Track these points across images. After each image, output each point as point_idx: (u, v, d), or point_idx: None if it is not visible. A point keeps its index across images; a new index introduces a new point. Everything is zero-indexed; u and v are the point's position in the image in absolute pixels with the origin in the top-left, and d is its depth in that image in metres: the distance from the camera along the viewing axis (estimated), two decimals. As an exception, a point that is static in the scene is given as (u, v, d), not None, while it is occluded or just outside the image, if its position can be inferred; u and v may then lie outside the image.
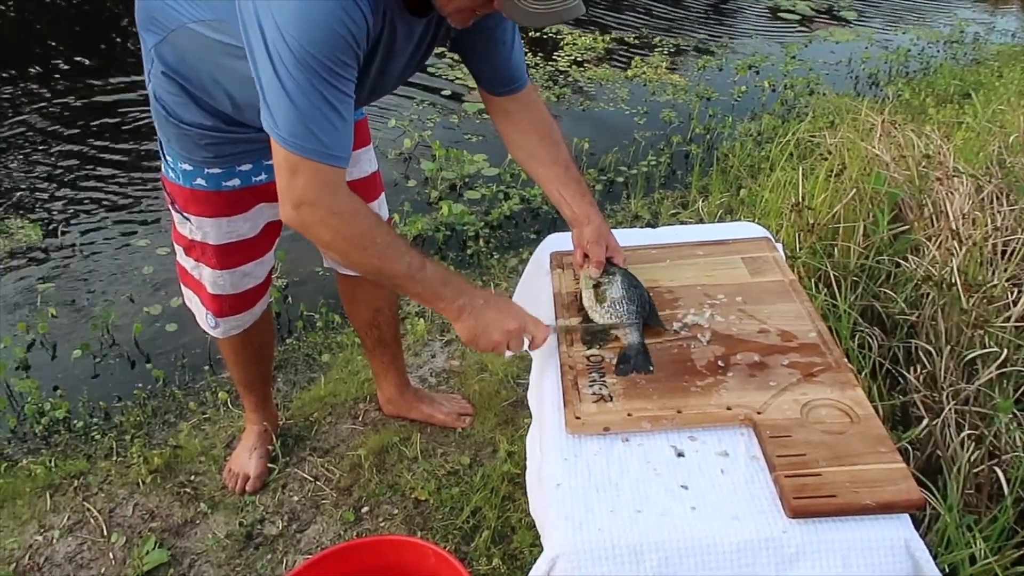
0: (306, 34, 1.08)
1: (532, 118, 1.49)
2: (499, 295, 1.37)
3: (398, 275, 1.24)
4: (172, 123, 1.44)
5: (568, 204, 1.47)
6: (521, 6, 1.10)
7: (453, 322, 1.31)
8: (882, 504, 1.02)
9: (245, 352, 1.84)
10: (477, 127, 4.09)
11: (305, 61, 1.09)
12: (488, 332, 1.29)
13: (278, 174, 1.19)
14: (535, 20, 1.12)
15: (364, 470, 1.97)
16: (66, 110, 4.15)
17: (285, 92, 1.11)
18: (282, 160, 1.17)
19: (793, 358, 1.29)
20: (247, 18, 1.14)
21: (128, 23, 5.17)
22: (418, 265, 1.25)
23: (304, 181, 1.16)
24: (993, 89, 4.49)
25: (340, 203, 1.19)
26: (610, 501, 1.09)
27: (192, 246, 1.61)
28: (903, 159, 2.47)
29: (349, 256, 1.23)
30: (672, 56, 5.17)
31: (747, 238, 1.65)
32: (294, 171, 1.16)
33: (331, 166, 1.16)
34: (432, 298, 1.28)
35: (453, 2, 1.18)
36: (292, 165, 1.16)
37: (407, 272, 1.24)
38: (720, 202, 3.12)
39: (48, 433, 2.22)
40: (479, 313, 1.28)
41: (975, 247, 1.99)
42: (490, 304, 1.30)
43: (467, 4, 1.17)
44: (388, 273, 1.25)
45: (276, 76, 1.11)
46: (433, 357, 2.44)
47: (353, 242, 1.21)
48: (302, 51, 1.09)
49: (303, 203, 1.18)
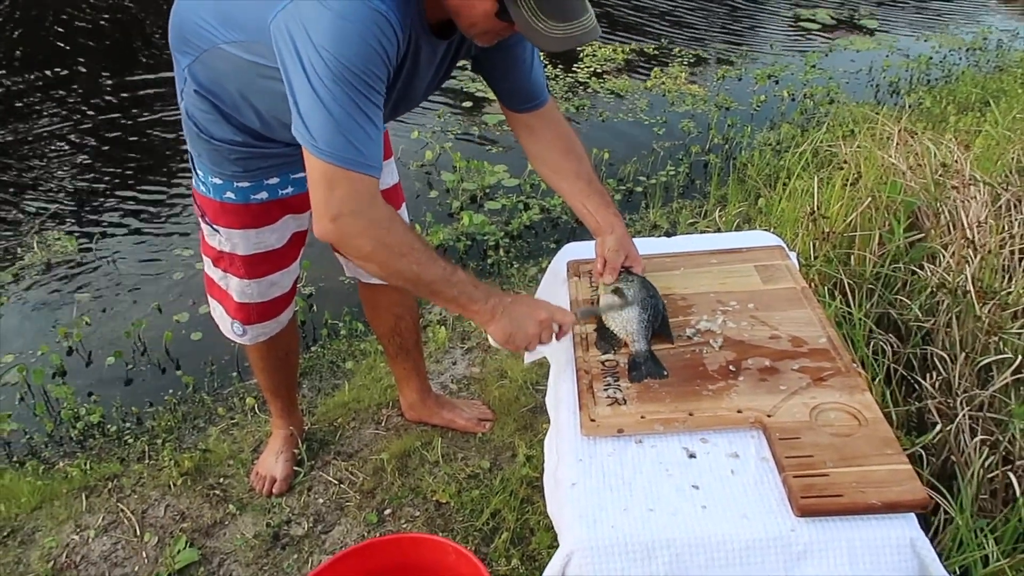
0: (343, 49, 1.14)
1: (554, 133, 1.54)
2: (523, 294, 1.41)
3: (435, 280, 1.28)
4: (203, 139, 1.51)
5: (592, 215, 1.52)
6: (541, 31, 1.16)
7: (486, 324, 1.34)
8: (888, 504, 1.05)
9: (272, 359, 1.90)
10: (497, 138, 4.15)
11: (341, 74, 1.14)
12: (523, 327, 1.33)
13: (314, 188, 1.22)
14: (555, 44, 1.17)
15: (387, 473, 2.02)
16: (98, 125, 4.27)
17: (322, 104, 1.16)
18: (319, 174, 1.20)
19: (803, 363, 1.32)
20: (280, 37, 1.19)
21: (160, 38, 5.31)
22: (451, 270, 1.30)
23: (343, 192, 1.20)
24: (1016, 96, 4.46)
25: (378, 212, 1.23)
26: (623, 500, 1.13)
27: (221, 257, 1.67)
28: (920, 167, 2.49)
29: (389, 264, 1.26)
30: (691, 66, 5.20)
31: (760, 246, 1.68)
32: (332, 183, 1.19)
33: (368, 176, 1.21)
34: (467, 301, 1.32)
35: (477, 26, 1.23)
36: (330, 177, 1.19)
37: (443, 276, 1.28)
38: (738, 211, 3.15)
39: (83, 437, 2.30)
40: (511, 311, 1.33)
41: (990, 255, 2.01)
42: (518, 301, 1.35)
43: (491, 28, 1.23)
44: (426, 279, 1.28)
45: (312, 89, 1.16)
46: (454, 364, 2.49)
47: (393, 250, 1.24)
48: (338, 65, 1.14)
49: (342, 214, 1.21)
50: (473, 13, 1.22)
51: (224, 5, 1.33)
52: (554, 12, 1.15)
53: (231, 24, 1.32)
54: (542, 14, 1.15)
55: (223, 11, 1.33)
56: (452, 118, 4.37)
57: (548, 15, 1.15)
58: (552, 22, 1.16)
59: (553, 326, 1.36)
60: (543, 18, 1.15)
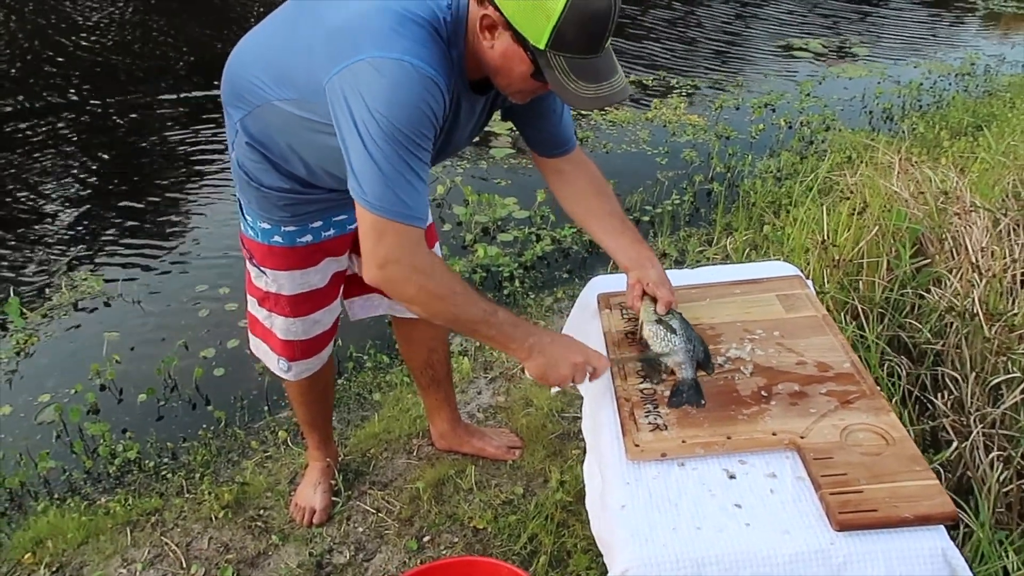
0: (396, 112, 1.23)
1: (585, 176, 1.64)
2: (562, 334, 1.49)
3: (475, 321, 1.36)
4: (253, 187, 1.60)
5: (624, 251, 1.60)
6: (573, 91, 1.25)
7: (524, 361, 1.42)
8: (919, 517, 1.14)
9: (312, 393, 1.98)
10: (505, 172, 4.27)
11: (393, 135, 1.24)
12: (557, 367, 1.40)
13: (364, 238, 1.31)
14: (586, 104, 1.27)
15: (423, 501, 2.10)
16: (111, 165, 4.38)
17: (374, 162, 1.25)
18: (369, 225, 1.29)
19: (830, 387, 1.41)
20: (335, 99, 1.29)
21: (155, 66, 5.44)
22: (491, 311, 1.38)
23: (391, 241, 1.29)
24: (1006, 121, 4.61)
25: (421, 259, 1.33)
26: (671, 520, 1.20)
27: (267, 297, 1.76)
28: (921, 195, 2.60)
29: (431, 307, 1.35)
30: (690, 97, 5.35)
31: (780, 276, 1.77)
32: (381, 234, 1.29)
33: (414, 227, 1.30)
34: (505, 340, 1.40)
35: (514, 85, 1.34)
36: (380, 229, 1.29)
37: (483, 318, 1.36)
38: (745, 239, 3.25)
39: (121, 473, 2.36)
40: (547, 351, 1.40)
41: (995, 278, 2.11)
42: (556, 342, 1.43)
43: (526, 87, 1.33)
44: (466, 319, 1.36)
45: (365, 148, 1.25)
46: (479, 393, 2.57)
47: (435, 294, 1.34)
48: (391, 127, 1.24)
49: (389, 262, 1.30)
50: (511, 74, 1.32)
51: (278, 66, 1.43)
52: (585, 74, 1.25)
53: (285, 83, 1.42)
54: (574, 75, 1.24)
55: (277, 71, 1.43)
56: (461, 153, 4.49)
57: (579, 76, 1.24)
58: (583, 83, 1.25)
59: (588, 368, 1.43)
60: (575, 79, 1.24)
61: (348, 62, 1.26)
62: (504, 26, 1.25)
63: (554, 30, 1.20)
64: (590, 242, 3.57)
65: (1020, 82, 5.69)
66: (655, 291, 1.55)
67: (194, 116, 4.89)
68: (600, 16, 1.21)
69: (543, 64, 1.24)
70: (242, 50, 1.53)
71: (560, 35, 1.20)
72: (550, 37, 1.20)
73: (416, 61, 1.25)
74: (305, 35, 1.37)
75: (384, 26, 1.27)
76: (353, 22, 1.30)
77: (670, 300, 1.54)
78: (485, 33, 1.28)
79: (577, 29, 1.20)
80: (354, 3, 1.33)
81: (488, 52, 1.30)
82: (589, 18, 1.20)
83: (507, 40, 1.26)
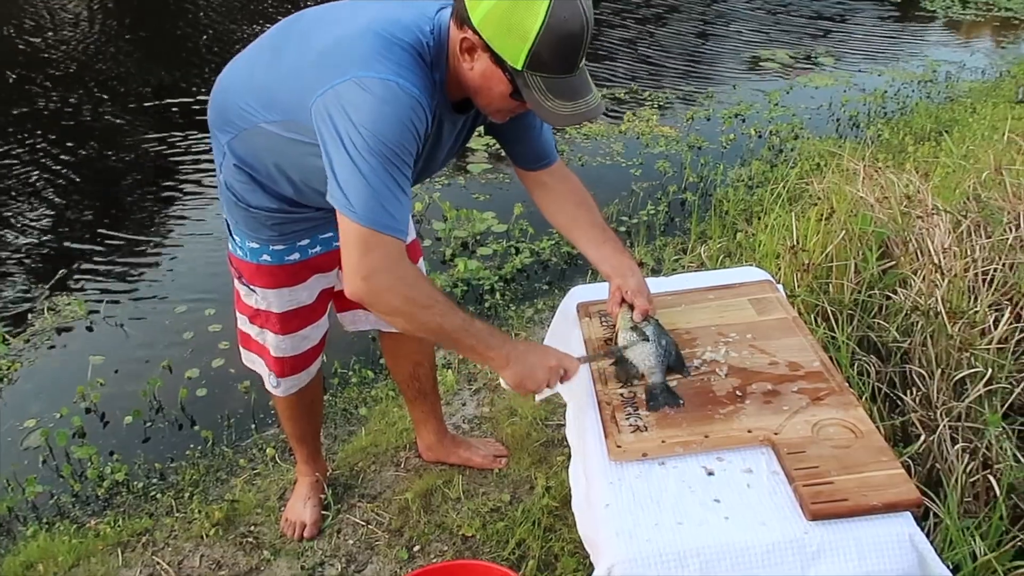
0: (381, 128, 1.29)
1: (566, 188, 1.70)
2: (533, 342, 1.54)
3: (456, 330, 1.40)
4: (241, 207, 1.64)
5: (607, 261, 1.67)
6: (550, 109, 1.31)
7: (500, 369, 1.46)
8: (887, 504, 1.20)
9: (300, 407, 2.02)
10: (483, 187, 4.33)
11: (379, 150, 1.29)
12: (534, 373, 1.45)
13: (347, 250, 1.34)
14: (563, 121, 1.34)
15: (412, 512, 2.13)
16: (99, 188, 4.38)
17: (361, 175, 1.29)
18: (354, 237, 1.32)
19: (801, 385, 1.47)
20: (320, 117, 1.33)
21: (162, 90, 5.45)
22: (470, 321, 1.42)
23: (374, 253, 1.33)
24: (967, 126, 4.76)
25: (405, 271, 1.37)
26: (654, 516, 1.26)
27: (257, 314, 1.80)
28: (886, 199, 2.69)
29: (415, 317, 1.39)
30: (661, 109, 5.46)
31: (751, 281, 1.84)
32: (366, 245, 1.32)
33: (398, 239, 1.34)
34: (484, 349, 1.44)
35: (494, 104, 1.40)
36: (364, 240, 1.32)
37: (462, 327, 1.40)
38: (719, 246, 3.33)
39: (110, 495, 2.38)
40: (523, 358, 1.45)
41: (956, 278, 2.20)
42: (530, 349, 1.48)
43: (505, 107, 1.39)
44: (448, 329, 1.40)
45: (351, 162, 1.29)
46: (464, 405, 2.61)
47: (419, 303, 1.37)
48: (376, 141, 1.29)
49: (373, 273, 1.33)
50: (491, 94, 1.37)
51: (265, 90, 1.48)
52: (562, 92, 1.31)
53: (272, 106, 1.47)
54: (551, 94, 1.30)
55: (264, 95, 1.48)
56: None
57: (556, 95, 1.31)
58: (560, 101, 1.31)
59: (559, 371, 1.49)
60: (552, 97, 1.31)
61: (334, 83, 1.32)
62: (483, 48, 1.30)
63: (530, 51, 1.26)
64: (568, 254, 3.64)
65: (980, 88, 5.86)
66: (633, 299, 1.61)
67: (173, 136, 4.91)
68: (573, 37, 1.27)
69: (521, 84, 1.30)
70: (228, 76, 1.58)
71: (536, 56, 1.26)
72: (527, 58, 1.26)
73: (401, 81, 1.30)
74: (291, 60, 1.43)
75: (370, 50, 1.32)
76: (340, 46, 1.35)
77: (646, 308, 1.59)
78: (465, 55, 1.34)
79: (552, 50, 1.26)
80: (340, 28, 1.39)
81: (468, 74, 1.36)
82: (563, 39, 1.26)
83: (486, 62, 1.32)
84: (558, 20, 1.24)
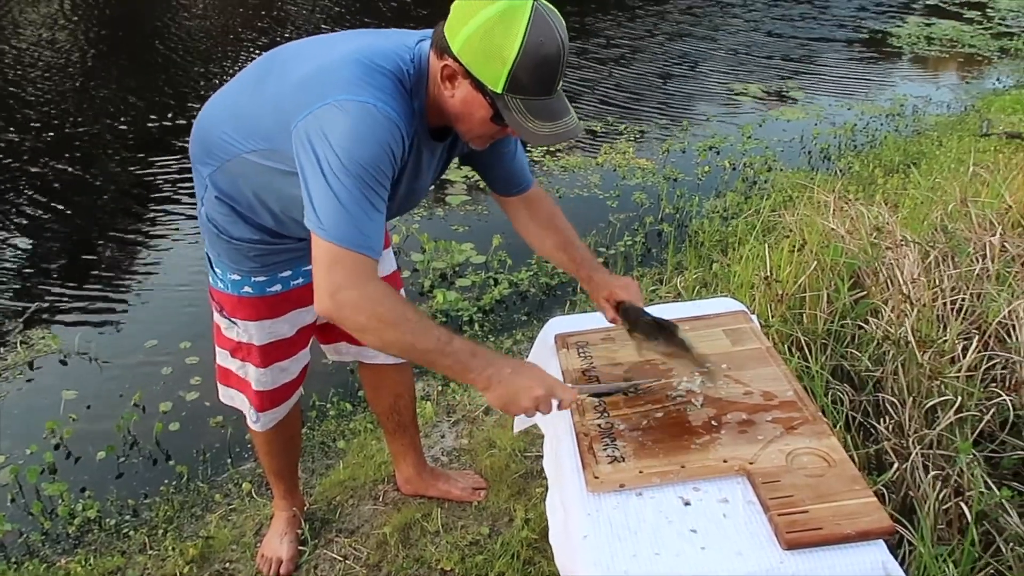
0: (356, 148, 1.30)
1: (544, 212, 1.75)
2: (525, 363, 1.49)
3: (429, 350, 1.37)
4: (224, 239, 1.65)
5: (591, 278, 1.75)
6: (530, 130, 1.35)
7: (483, 392, 1.43)
8: (860, 532, 1.22)
9: (278, 442, 2.00)
10: (461, 219, 4.36)
11: (353, 170, 1.30)
12: (517, 399, 1.41)
13: (317, 268, 1.33)
14: (543, 141, 1.37)
15: (390, 546, 2.12)
16: (71, 219, 4.35)
17: (333, 194, 1.30)
18: (323, 254, 1.32)
19: (775, 414, 1.50)
20: (298, 140, 1.35)
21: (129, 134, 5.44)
22: (446, 339, 1.38)
23: (343, 270, 1.32)
24: (935, 158, 4.89)
25: (373, 288, 1.35)
26: (632, 547, 1.26)
27: (238, 348, 1.79)
28: (856, 231, 2.75)
29: (383, 335, 1.36)
30: (637, 141, 5.54)
31: (726, 312, 1.87)
32: (334, 262, 1.31)
33: (368, 257, 1.34)
34: (461, 370, 1.40)
35: (474, 130, 1.43)
36: (333, 256, 1.31)
37: (436, 346, 1.37)
38: (695, 277, 3.38)
39: (81, 533, 2.33)
40: (508, 382, 1.40)
41: (925, 308, 2.24)
42: (518, 372, 1.42)
43: (485, 132, 1.43)
44: (420, 348, 1.37)
45: (325, 181, 1.30)
46: (443, 437, 2.61)
47: (386, 321, 1.34)
48: (351, 161, 1.30)
49: (340, 289, 1.32)
50: (471, 120, 1.41)
51: (247, 120, 1.50)
52: (541, 114, 1.35)
53: (254, 136, 1.48)
54: (531, 115, 1.34)
55: (246, 126, 1.50)
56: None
57: (536, 116, 1.35)
58: (540, 122, 1.35)
59: (553, 402, 1.44)
60: (532, 119, 1.35)
61: (313, 108, 1.34)
62: (463, 75, 1.34)
63: (510, 74, 1.30)
64: (546, 284, 3.66)
65: (945, 121, 6.02)
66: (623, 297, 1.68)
67: (148, 168, 4.90)
68: (550, 60, 1.31)
69: (501, 107, 1.34)
70: (210, 109, 1.60)
71: (515, 79, 1.30)
72: (506, 81, 1.30)
73: (380, 104, 1.33)
74: (273, 89, 1.45)
75: (351, 75, 1.35)
76: (321, 73, 1.38)
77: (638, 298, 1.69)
78: (446, 83, 1.38)
79: (530, 72, 1.30)
80: (321, 58, 1.41)
81: (449, 101, 1.39)
82: (540, 62, 1.30)
83: (467, 88, 1.36)
84: (535, 43, 1.28)
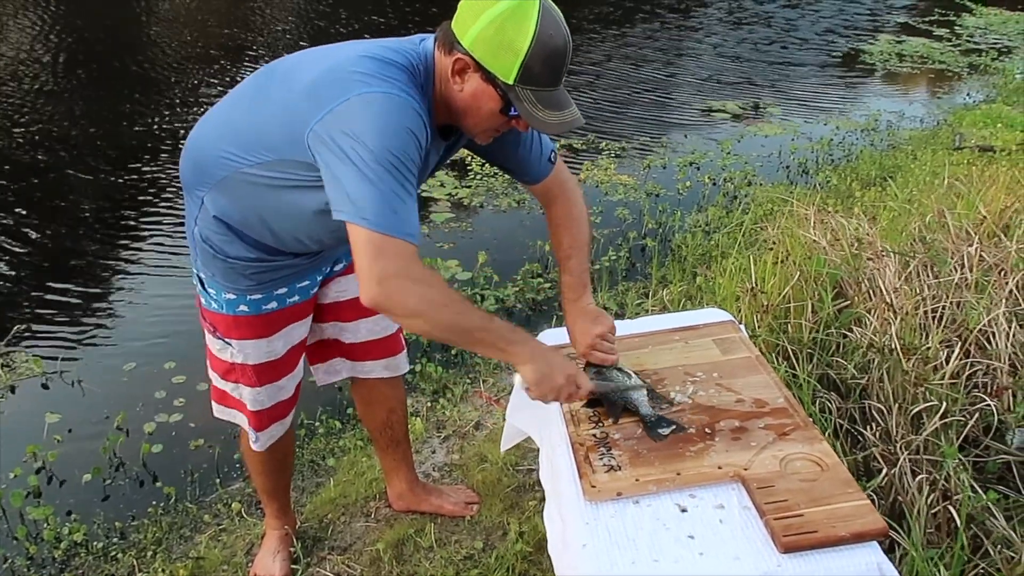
0: (386, 138, 1.33)
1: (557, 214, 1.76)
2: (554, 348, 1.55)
3: (476, 327, 1.42)
4: (219, 259, 1.64)
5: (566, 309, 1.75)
6: (542, 119, 1.41)
7: (522, 364, 1.47)
8: (855, 534, 1.24)
9: (272, 462, 1.99)
10: (446, 235, 4.37)
11: (385, 158, 1.32)
12: (553, 376, 1.47)
13: (360, 256, 1.34)
14: (553, 129, 1.43)
15: (384, 563, 2.11)
16: (52, 240, 4.31)
17: (370, 183, 1.31)
18: (365, 243, 1.32)
19: (768, 421, 1.52)
20: (318, 143, 1.36)
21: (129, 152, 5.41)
22: (488, 318, 1.46)
23: (388, 256, 1.33)
24: (910, 171, 4.98)
25: (419, 272, 1.37)
26: (630, 554, 1.28)
27: (231, 369, 1.78)
28: (838, 242, 2.80)
29: (433, 316, 1.38)
30: (618, 158, 5.60)
31: (715, 322, 1.90)
32: (379, 250, 1.32)
33: (410, 242, 1.36)
34: (505, 344, 1.45)
35: (481, 124, 1.47)
36: (377, 244, 1.32)
37: (481, 324, 1.43)
38: (680, 290, 3.41)
39: (67, 557, 2.30)
40: (547, 357, 1.49)
41: (908, 316, 2.29)
42: (555, 352, 1.53)
43: (492, 125, 1.48)
44: (467, 326, 1.42)
45: (360, 172, 1.31)
46: (433, 453, 2.60)
47: (436, 303, 1.38)
48: (382, 151, 1.32)
49: (388, 276, 1.33)
50: (480, 113, 1.45)
51: (248, 133, 1.50)
52: (549, 104, 1.42)
53: (256, 148, 1.48)
54: (540, 105, 1.40)
55: (247, 139, 1.50)
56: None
57: (545, 105, 1.41)
58: (549, 111, 1.42)
59: (573, 386, 1.51)
60: (541, 108, 1.41)
61: (333, 105, 1.35)
62: (474, 68, 1.39)
63: (522, 65, 1.35)
64: (533, 300, 3.68)
65: (919, 136, 6.15)
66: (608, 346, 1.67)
67: (129, 187, 4.87)
68: (559, 51, 1.38)
69: (513, 98, 1.39)
70: (201, 131, 1.60)
71: (527, 70, 1.36)
72: (519, 72, 1.36)
73: (403, 94, 1.37)
74: (279, 97, 1.46)
75: (368, 70, 1.38)
76: (334, 73, 1.39)
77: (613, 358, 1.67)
78: (456, 77, 1.42)
79: (541, 63, 1.36)
80: (329, 61, 1.43)
81: (458, 95, 1.44)
82: (551, 53, 1.37)
83: (477, 81, 1.41)
84: (545, 36, 1.35)
